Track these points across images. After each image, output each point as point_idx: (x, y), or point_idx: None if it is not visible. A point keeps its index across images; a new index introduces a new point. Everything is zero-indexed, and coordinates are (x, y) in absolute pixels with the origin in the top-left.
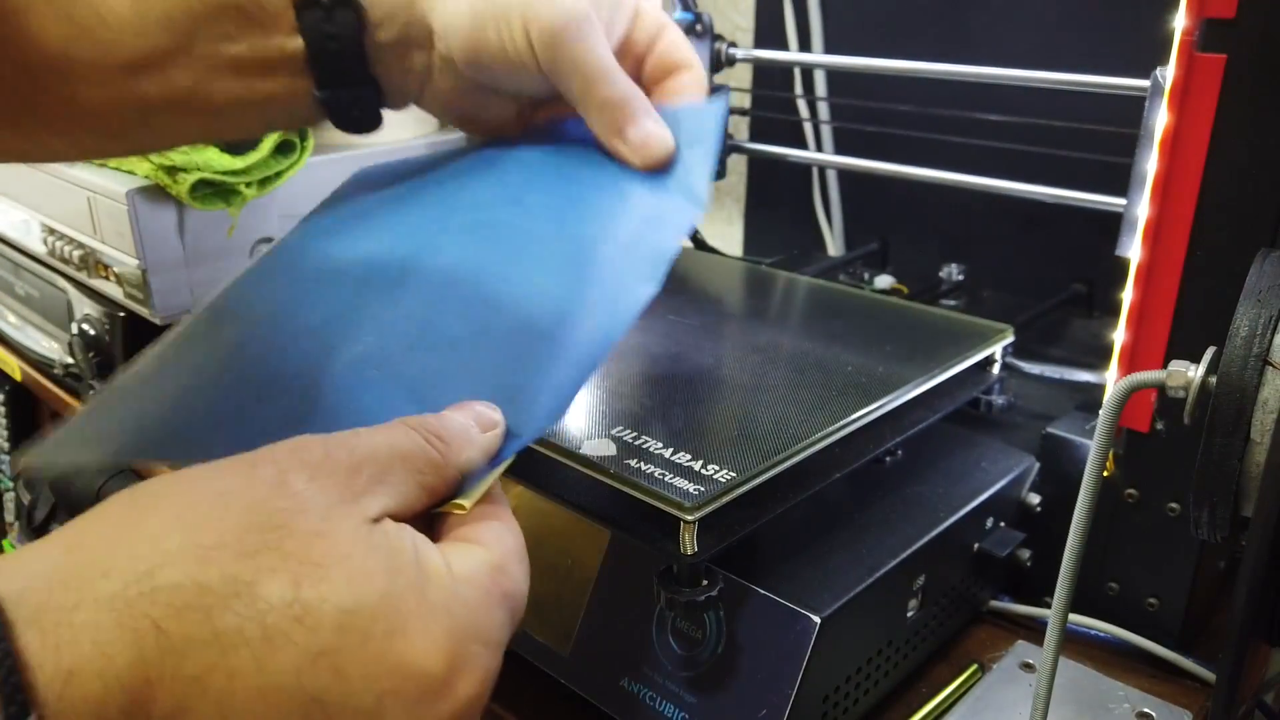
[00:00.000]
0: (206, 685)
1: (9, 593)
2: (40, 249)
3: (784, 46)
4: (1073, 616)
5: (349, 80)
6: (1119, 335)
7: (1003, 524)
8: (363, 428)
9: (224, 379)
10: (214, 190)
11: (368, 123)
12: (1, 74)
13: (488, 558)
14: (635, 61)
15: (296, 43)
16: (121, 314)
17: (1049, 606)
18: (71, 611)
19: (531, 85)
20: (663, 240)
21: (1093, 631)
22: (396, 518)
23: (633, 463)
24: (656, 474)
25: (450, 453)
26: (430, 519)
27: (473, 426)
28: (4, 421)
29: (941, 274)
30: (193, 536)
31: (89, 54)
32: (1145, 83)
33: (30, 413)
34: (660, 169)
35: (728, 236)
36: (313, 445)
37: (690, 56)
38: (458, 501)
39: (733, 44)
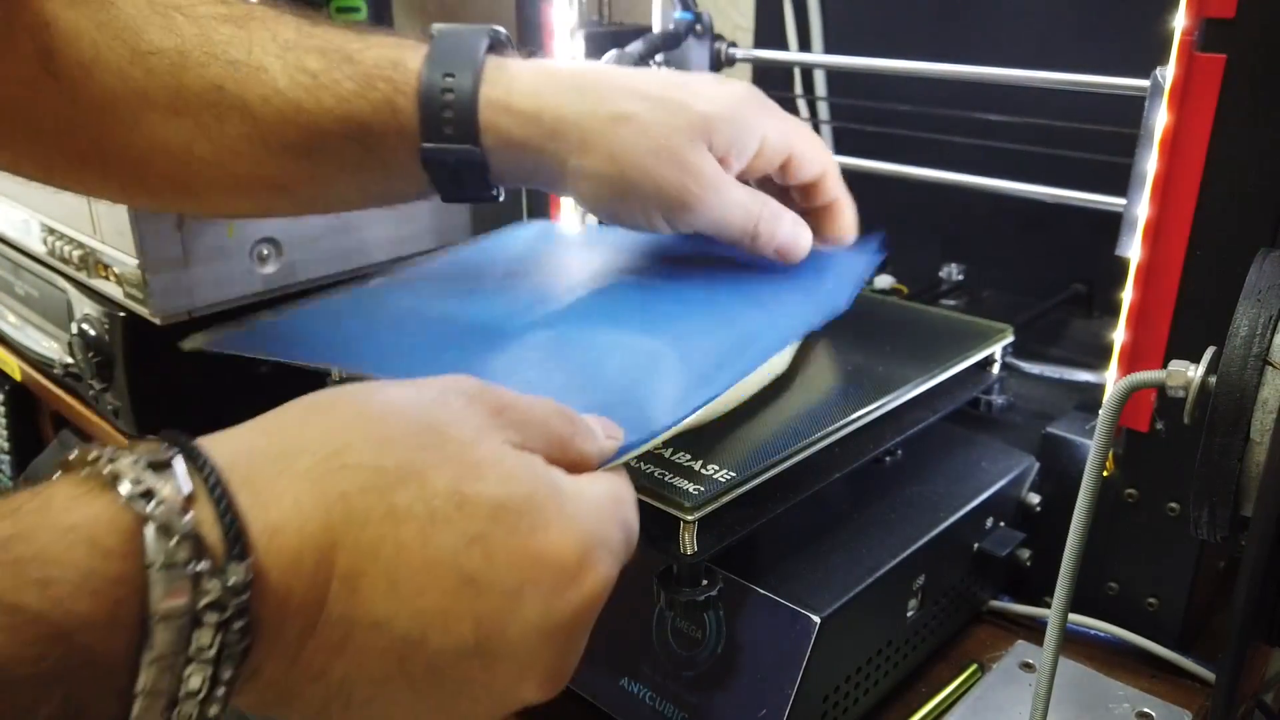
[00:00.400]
0: (379, 553)
1: (221, 462)
2: (40, 249)
3: (784, 46)
4: (1073, 616)
5: (472, 195)
6: (1119, 335)
7: (1003, 524)
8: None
9: (404, 323)
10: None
11: (487, 203)
12: (112, 150)
13: (609, 489)
14: (764, 174)
15: (421, 176)
16: (121, 314)
17: (1049, 606)
18: (274, 480)
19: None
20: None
21: (1093, 631)
22: None
23: (632, 462)
24: (656, 474)
25: (576, 439)
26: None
27: (600, 431)
28: (4, 421)
29: (941, 274)
30: (370, 430)
31: (210, 157)
32: (1145, 83)
33: (30, 413)
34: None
35: None
36: (469, 380)
37: (819, 168)
38: None
39: (733, 44)
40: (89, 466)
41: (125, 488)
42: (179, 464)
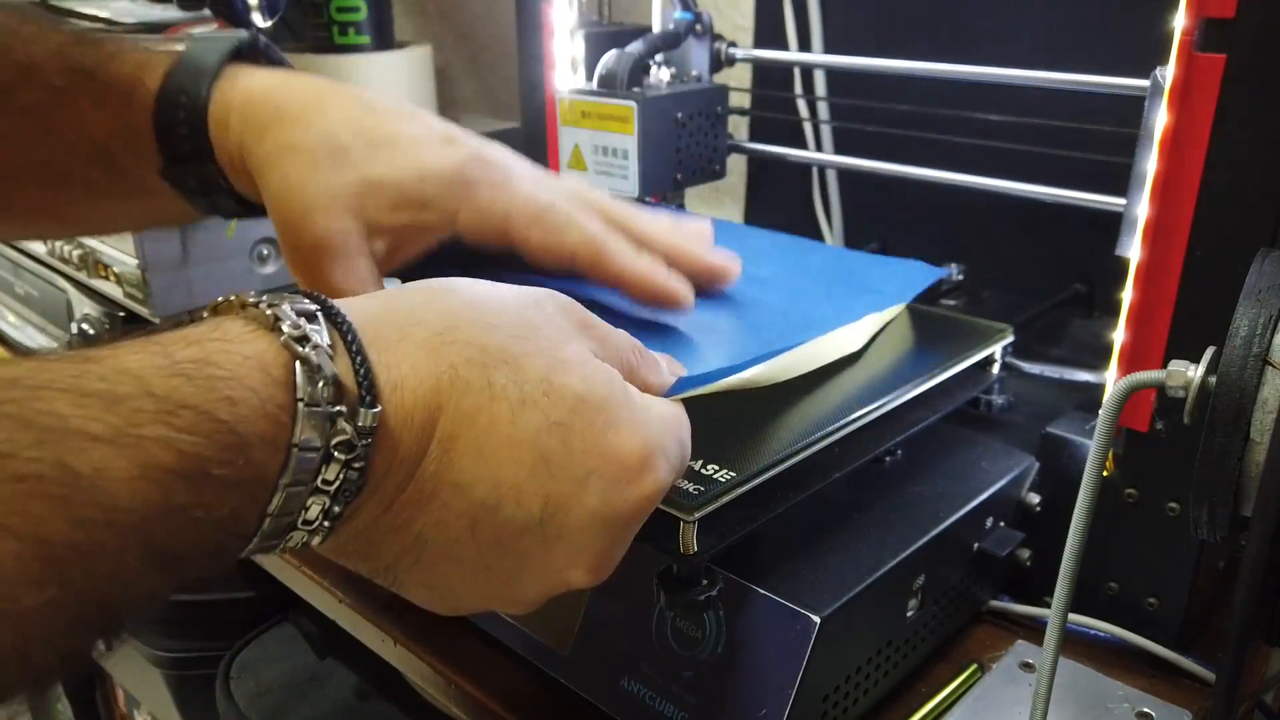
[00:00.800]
0: (474, 422)
1: (354, 322)
2: (40, 248)
3: (784, 46)
4: (1072, 616)
5: (245, 214)
6: (1119, 335)
7: (1002, 524)
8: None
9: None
10: None
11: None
12: None
13: (671, 409)
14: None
15: (158, 181)
16: (121, 314)
17: (1049, 606)
18: (397, 344)
19: None
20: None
21: (1092, 631)
22: None
23: None
24: None
25: (642, 369)
26: None
27: (664, 366)
28: None
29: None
30: (477, 316)
31: None
32: (1145, 83)
33: None
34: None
35: None
36: (562, 295)
37: (543, 235)
38: None
39: (733, 44)
40: (248, 309)
41: (286, 328)
42: (322, 318)
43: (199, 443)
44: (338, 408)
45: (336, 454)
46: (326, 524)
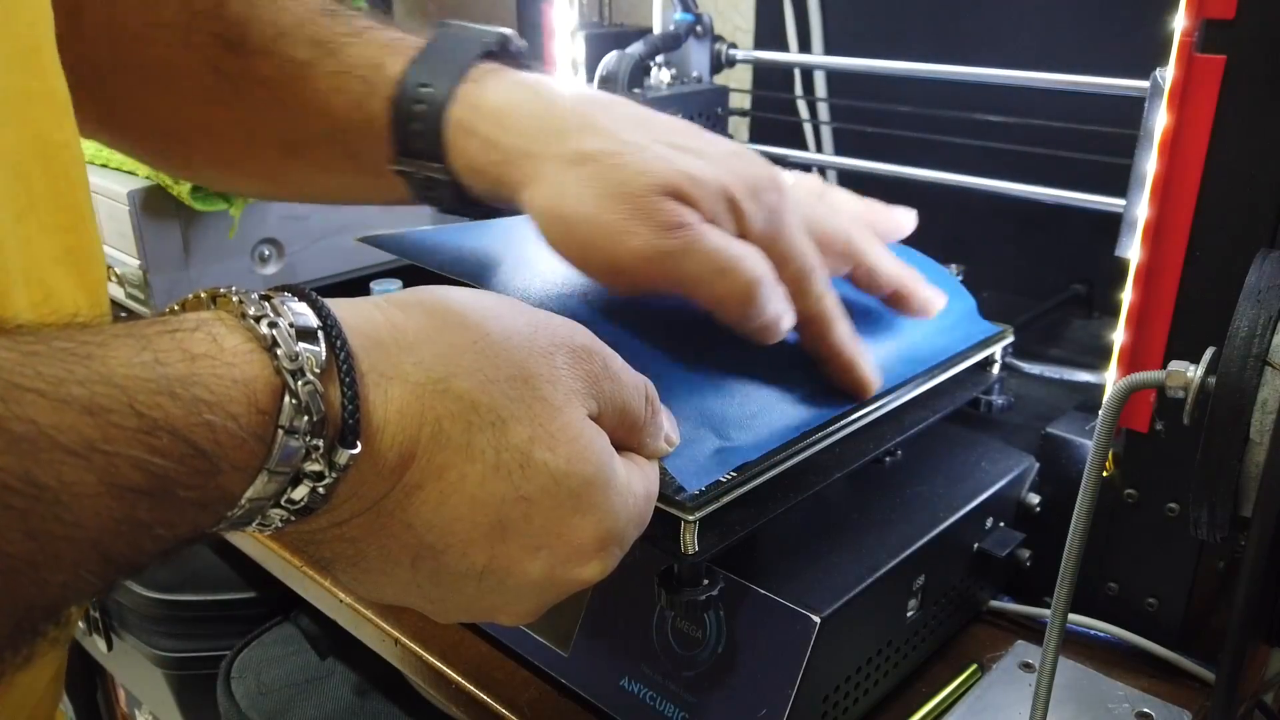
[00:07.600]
0: (442, 476)
1: (354, 344)
2: None
3: (784, 47)
4: (1072, 616)
5: (464, 211)
6: (1119, 335)
7: (1002, 524)
8: (621, 358)
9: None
10: (215, 191)
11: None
12: (158, 125)
13: (648, 489)
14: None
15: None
16: (122, 314)
17: (1049, 606)
18: (390, 381)
19: None
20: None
21: (1092, 631)
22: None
23: None
24: None
25: (644, 430)
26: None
27: (666, 429)
28: None
29: None
30: (479, 366)
31: (238, 142)
32: (1145, 83)
33: None
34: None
35: None
36: (583, 338)
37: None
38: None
39: (733, 45)
40: (246, 320)
41: (282, 360)
42: (324, 342)
43: (170, 466)
44: (316, 441)
45: (307, 480)
46: (279, 526)
